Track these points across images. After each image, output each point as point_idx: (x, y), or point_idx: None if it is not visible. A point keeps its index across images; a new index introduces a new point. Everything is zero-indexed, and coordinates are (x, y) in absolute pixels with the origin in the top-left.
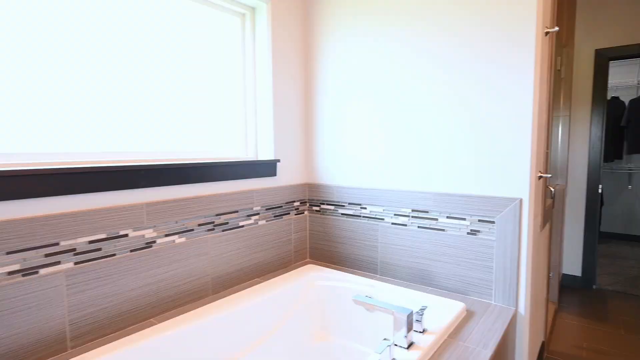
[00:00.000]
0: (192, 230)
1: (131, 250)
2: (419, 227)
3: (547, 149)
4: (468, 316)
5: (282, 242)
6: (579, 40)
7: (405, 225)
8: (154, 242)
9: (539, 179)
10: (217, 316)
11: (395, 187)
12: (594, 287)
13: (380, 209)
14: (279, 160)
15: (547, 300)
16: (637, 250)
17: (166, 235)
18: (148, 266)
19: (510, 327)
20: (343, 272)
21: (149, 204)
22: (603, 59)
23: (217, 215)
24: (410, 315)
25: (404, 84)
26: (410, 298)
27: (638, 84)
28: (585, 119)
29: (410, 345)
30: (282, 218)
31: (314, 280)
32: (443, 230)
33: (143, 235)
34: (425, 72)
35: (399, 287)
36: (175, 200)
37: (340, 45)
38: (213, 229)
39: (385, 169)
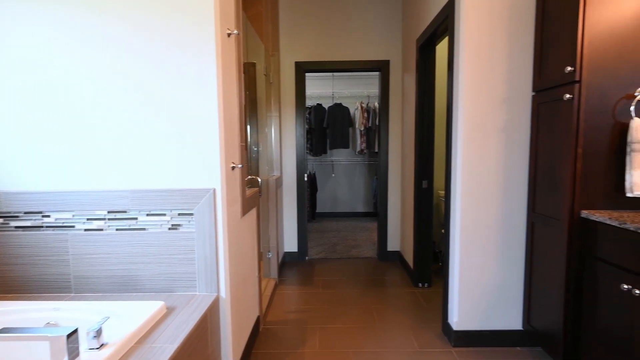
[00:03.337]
0: None
1: None
2: (117, 229)
3: (243, 142)
4: (168, 313)
5: None
6: (284, 52)
7: (102, 229)
8: None
9: (233, 169)
10: None
11: (87, 188)
12: (307, 258)
13: (69, 215)
14: None
15: (261, 278)
16: (339, 223)
17: None
18: None
19: (211, 312)
20: (19, 302)
21: None
22: (301, 70)
23: None
24: (72, 335)
25: (92, 77)
26: (101, 311)
27: (333, 94)
28: (292, 120)
29: None
30: None
31: None
32: (144, 229)
33: None
34: (112, 64)
35: (94, 302)
36: None
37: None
38: None
39: (75, 166)
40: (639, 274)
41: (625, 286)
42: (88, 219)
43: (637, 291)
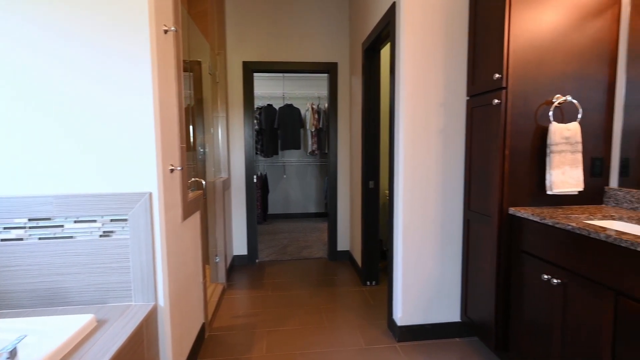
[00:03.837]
0: None
1: None
2: (40, 238)
3: (184, 143)
4: (98, 327)
5: None
6: (231, 51)
7: (22, 239)
8: None
9: (172, 172)
10: None
11: (2, 193)
12: (257, 261)
13: None
14: None
15: (206, 283)
16: (290, 224)
17: None
18: None
19: (148, 322)
20: None
21: None
22: (248, 70)
23: None
24: None
25: (4, 73)
26: (19, 329)
27: (283, 95)
28: (240, 120)
29: None
30: None
31: None
32: (71, 237)
33: None
34: (26, 59)
35: (11, 319)
36: None
37: None
38: None
39: None
40: (556, 264)
41: (546, 276)
42: (5, 228)
43: (555, 280)
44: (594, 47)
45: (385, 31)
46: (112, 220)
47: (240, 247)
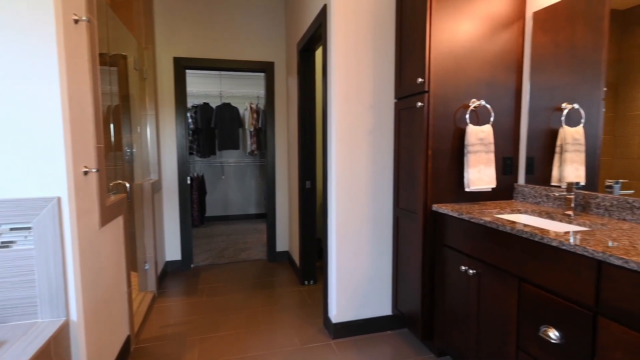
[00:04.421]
0: None
1: None
2: None
3: (101, 143)
4: None
5: None
6: (160, 46)
7: None
8: None
9: (86, 174)
10: None
11: None
12: (192, 266)
13: None
14: None
15: (131, 293)
16: (229, 227)
17: None
18: None
19: (57, 340)
20: None
21: None
22: (180, 66)
23: None
24: None
25: None
26: None
27: (220, 93)
28: (172, 119)
29: None
30: None
31: None
32: None
33: None
34: None
35: None
36: None
37: None
38: None
39: None
40: (472, 256)
41: (463, 267)
42: None
43: (471, 271)
44: (503, 56)
45: (318, 32)
46: (12, 229)
47: (173, 252)
